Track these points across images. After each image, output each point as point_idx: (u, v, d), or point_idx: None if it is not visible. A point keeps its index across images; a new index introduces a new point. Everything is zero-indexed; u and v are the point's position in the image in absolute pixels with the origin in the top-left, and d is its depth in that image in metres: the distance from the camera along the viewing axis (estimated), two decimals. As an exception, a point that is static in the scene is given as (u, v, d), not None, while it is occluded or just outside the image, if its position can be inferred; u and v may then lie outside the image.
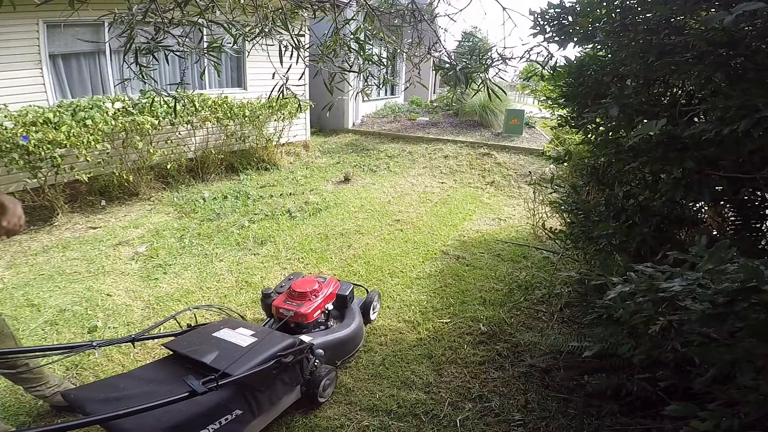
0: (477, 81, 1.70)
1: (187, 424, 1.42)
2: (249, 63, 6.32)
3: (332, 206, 4.95)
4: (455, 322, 2.74)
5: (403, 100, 12.22)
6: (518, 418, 1.98)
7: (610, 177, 2.23)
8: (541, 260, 3.61)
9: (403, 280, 3.30)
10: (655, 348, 1.42)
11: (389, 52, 2.38)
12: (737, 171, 1.52)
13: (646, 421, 1.70)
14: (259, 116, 6.05)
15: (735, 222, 1.81)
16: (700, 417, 1.09)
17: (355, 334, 2.33)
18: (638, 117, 1.71)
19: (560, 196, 2.89)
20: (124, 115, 4.55)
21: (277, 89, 1.83)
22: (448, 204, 5.21)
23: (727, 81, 1.36)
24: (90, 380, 2.12)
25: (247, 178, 5.92)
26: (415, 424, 1.94)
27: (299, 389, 1.93)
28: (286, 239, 4.01)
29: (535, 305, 2.94)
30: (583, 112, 2.07)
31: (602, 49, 2.07)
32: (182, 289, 3.03)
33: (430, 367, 2.34)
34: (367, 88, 2.09)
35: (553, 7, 1.81)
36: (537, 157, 6.72)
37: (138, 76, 1.72)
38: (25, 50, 4.30)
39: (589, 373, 1.96)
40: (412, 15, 1.86)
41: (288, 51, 1.75)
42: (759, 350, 0.96)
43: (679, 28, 1.53)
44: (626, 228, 1.88)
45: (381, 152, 7.48)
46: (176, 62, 5.46)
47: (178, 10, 1.53)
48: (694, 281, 0.97)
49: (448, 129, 8.57)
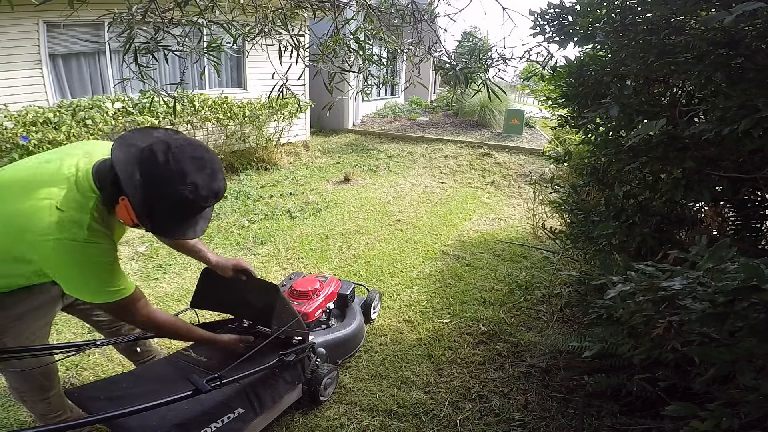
0: (477, 81, 1.70)
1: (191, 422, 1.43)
2: (249, 63, 6.32)
3: (332, 206, 4.95)
4: (455, 322, 2.74)
5: (403, 100, 12.22)
6: (518, 418, 1.98)
7: (610, 177, 2.23)
8: (541, 260, 3.61)
9: (403, 280, 3.30)
10: (655, 348, 1.42)
11: (389, 52, 2.38)
12: (737, 171, 1.52)
13: (646, 421, 1.70)
14: (259, 116, 6.05)
15: (735, 222, 1.81)
16: (700, 417, 1.09)
17: (356, 334, 2.33)
18: (638, 117, 1.71)
19: (560, 196, 2.89)
20: (124, 115, 4.55)
21: (277, 89, 1.83)
22: (448, 204, 5.21)
23: (727, 81, 1.36)
24: (90, 380, 2.12)
25: (247, 178, 5.91)
26: (415, 424, 1.94)
27: (300, 388, 1.93)
28: (286, 239, 4.01)
29: (535, 305, 2.94)
30: (583, 112, 2.07)
31: (602, 49, 2.06)
32: (182, 289, 3.03)
33: (430, 367, 2.33)
34: (367, 88, 2.08)
35: (553, 7, 1.81)
36: (537, 157, 6.72)
37: (138, 76, 1.71)
38: (25, 50, 4.30)
39: (589, 373, 1.96)
40: (412, 15, 1.86)
41: (288, 51, 1.75)
42: (759, 350, 0.96)
43: (679, 28, 1.53)
44: (626, 228, 1.88)
45: (381, 152, 7.48)
46: (176, 62, 5.46)
47: (177, 10, 1.53)
48: (695, 280, 0.97)
49: (448, 129, 8.57)
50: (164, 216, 1.14)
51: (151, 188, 1.10)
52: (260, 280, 1.77)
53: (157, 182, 1.10)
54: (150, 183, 1.10)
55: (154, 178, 1.10)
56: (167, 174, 1.09)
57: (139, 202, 1.09)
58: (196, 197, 1.13)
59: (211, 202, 1.20)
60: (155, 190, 1.10)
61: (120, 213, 1.14)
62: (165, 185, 1.10)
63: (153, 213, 1.12)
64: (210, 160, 1.17)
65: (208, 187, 1.15)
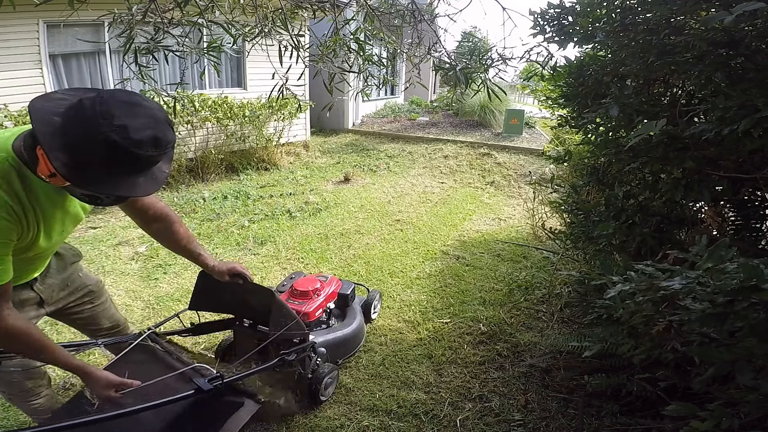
0: (477, 81, 1.70)
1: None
2: (249, 63, 6.32)
3: (332, 206, 4.95)
4: (455, 322, 2.74)
5: (403, 100, 12.22)
6: (518, 418, 1.98)
7: (610, 177, 2.23)
8: (541, 260, 3.61)
9: (403, 280, 3.30)
10: (655, 348, 1.42)
11: (389, 52, 2.38)
12: (737, 171, 1.52)
13: (646, 421, 1.70)
14: (259, 116, 6.05)
15: (735, 222, 1.81)
16: (700, 417, 1.09)
17: (357, 333, 2.33)
18: (638, 117, 1.71)
19: (560, 196, 2.89)
20: (124, 115, 4.55)
21: (277, 89, 1.83)
22: (448, 204, 5.21)
23: (727, 81, 1.36)
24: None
25: (247, 178, 5.92)
26: (415, 424, 1.94)
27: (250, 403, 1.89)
28: (286, 239, 4.01)
29: (535, 305, 2.94)
30: (583, 112, 2.07)
31: (602, 49, 2.07)
32: (182, 289, 3.03)
33: (430, 367, 2.34)
34: (367, 88, 2.08)
35: (553, 7, 1.81)
36: (537, 157, 6.72)
37: (138, 76, 1.71)
38: (25, 50, 4.30)
39: (589, 373, 1.96)
40: (412, 15, 1.86)
41: (288, 51, 1.75)
42: (759, 350, 0.96)
43: (679, 28, 1.53)
44: (626, 228, 1.88)
45: (381, 152, 7.48)
46: (176, 62, 5.46)
47: (177, 10, 1.53)
48: (694, 280, 0.97)
49: (448, 129, 8.57)
50: (87, 165, 0.94)
51: (71, 130, 0.92)
52: (256, 285, 1.76)
53: (77, 123, 0.92)
54: (69, 125, 0.92)
55: (74, 120, 0.93)
56: (90, 114, 0.91)
57: (57, 147, 0.91)
58: (126, 141, 0.92)
59: (149, 151, 0.96)
60: (75, 131, 0.92)
61: (40, 168, 0.98)
62: (87, 126, 0.92)
63: (74, 161, 0.93)
64: (149, 107, 0.98)
65: (143, 132, 0.94)
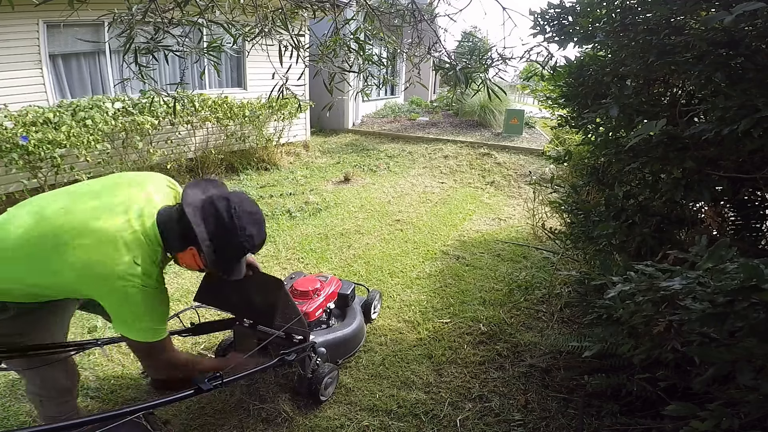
0: (477, 81, 1.70)
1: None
2: (249, 63, 6.32)
3: (332, 206, 4.95)
4: (455, 322, 2.74)
5: (403, 100, 12.22)
6: (518, 418, 1.98)
7: (610, 177, 2.23)
8: (541, 260, 3.61)
9: (403, 280, 3.30)
10: (655, 348, 1.42)
11: (389, 52, 2.38)
12: (737, 171, 1.52)
13: (646, 421, 1.70)
14: (259, 116, 6.05)
15: (735, 222, 1.81)
16: (700, 417, 1.09)
17: (357, 333, 2.33)
18: (638, 117, 1.71)
19: (560, 196, 2.89)
20: (124, 115, 4.55)
21: (277, 89, 1.83)
22: (448, 204, 5.21)
23: (727, 81, 1.36)
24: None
25: (247, 178, 5.92)
26: (415, 424, 1.94)
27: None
28: (286, 239, 4.01)
29: (535, 305, 2.94)
30: (583, 112, 2.07)
31: (602, 49, 2.07)
32: (182, 289, 3.03)
33: (430, 367, 2.33)
34: (367, 88, 2.08)
35: (553, 7, 1.81)
36: (537, 157, 6.72)
37: (138, 76, 1.71)
38: (25, 50, 4.30)
39: (589, 373, 1.96)
40: (412, 15, 1.86)
41: (288, 51, 1.75)
42: (759, 350, 0.96)
43: (679, 28, 1.53)
44: (626, 228, 1.88)
45: (381, 152, 7.47)
46: (176, 62, 5.46)
47: (177, 10, 1.53)
48: (694, 280, 0.97)
49: (448, 129, 8.56)
50: (229, 262, 1.40)
51: (220, 240, 1.33)
52: (266, 275, 1.77)
53: (225, 236, 1.33)
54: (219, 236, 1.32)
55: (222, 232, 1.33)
56: (232, 228, 1.33)
57: (211, 252, 1.32)
58: (251, 246, 1.39)
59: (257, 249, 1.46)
60: (223, 242, 1.33)
61: (185, 259, 1.37)
62: (231, 237, 1.34)
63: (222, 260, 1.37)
64: (259, 213, 1.42)
65: (259, 238, 1.41)
